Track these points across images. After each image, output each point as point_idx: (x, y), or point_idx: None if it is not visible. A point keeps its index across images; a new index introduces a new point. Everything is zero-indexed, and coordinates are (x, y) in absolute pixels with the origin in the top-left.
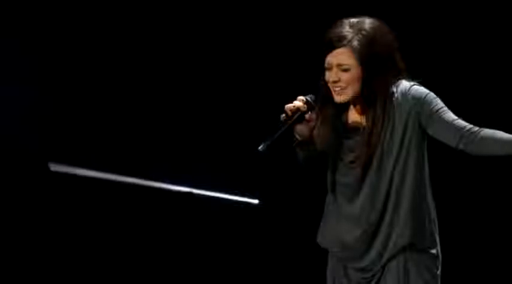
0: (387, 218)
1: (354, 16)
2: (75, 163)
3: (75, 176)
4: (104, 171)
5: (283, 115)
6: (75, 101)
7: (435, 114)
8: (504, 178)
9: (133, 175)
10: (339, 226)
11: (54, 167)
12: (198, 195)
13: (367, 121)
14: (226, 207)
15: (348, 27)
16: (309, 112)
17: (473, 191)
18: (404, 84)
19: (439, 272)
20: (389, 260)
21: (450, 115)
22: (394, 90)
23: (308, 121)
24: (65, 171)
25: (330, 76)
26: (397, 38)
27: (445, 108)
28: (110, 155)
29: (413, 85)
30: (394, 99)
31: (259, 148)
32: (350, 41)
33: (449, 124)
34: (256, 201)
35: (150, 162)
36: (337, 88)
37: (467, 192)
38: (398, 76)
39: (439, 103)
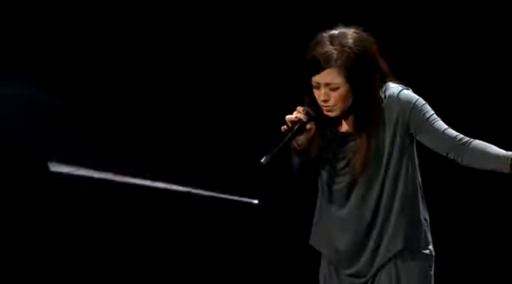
0: (378, 223)
1: (332, 28)
2: (75, 163)
3: (75, 176)
4: (103, 171)
5: (284, 126)
6: (75, 100)
7: (426, 122)
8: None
9: (133, 175)
10: (331, 231)
11: (54, 167)
12: (198, 194)
13: (357, 128)
14: (226, 207)
15: (330, 44)
16: (310, 123)
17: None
18: (392, 88)
19: (432, 271)
20: (381, 266)
21: (441, 124)
22: (382, 95)
23: (308, 131)
24: (65, 171)
25: (319, 95)
26: (379, 42)
27: (435, 116)
28: (110, 155)
29: (402, 90)
30: (383, 104)
31: (262, 160)
32: (336, 60)
33: (440, 134)
34: (256, 201)
35: (149, 162)
36: (327, 106)
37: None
38: (384, 80)
39: (429, 110)
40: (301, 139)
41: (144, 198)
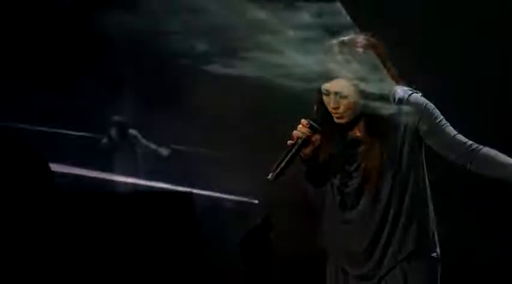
0: (388, 225)
1: (341, 34)
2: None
3: (75, 176)
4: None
5: (290, 141)
6: None
7: (435, 127)
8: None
9: (133, 174)
10: (340, 233)
11: (54, 167)
12: (198, 194)
13: (368, 133)
14: (226, 207)
15: (339, 52)
16: (314, 136)
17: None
18: (402, 91)
19: (439, 275)
20: (389, 268)
21: (450, 130)
22: (391, 99)
23: (313, 143)
24: (64, 171)
25: (329, 102)
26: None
27: (445, 121)
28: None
29: (412, 94)
30: (393, 108)
31: (269, 177)
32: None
33: (450, 139)
34: (256, 201)
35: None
36: (337, 113)
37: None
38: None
39: (438, 115)
40: (307, 151)
41: (143, 198)
